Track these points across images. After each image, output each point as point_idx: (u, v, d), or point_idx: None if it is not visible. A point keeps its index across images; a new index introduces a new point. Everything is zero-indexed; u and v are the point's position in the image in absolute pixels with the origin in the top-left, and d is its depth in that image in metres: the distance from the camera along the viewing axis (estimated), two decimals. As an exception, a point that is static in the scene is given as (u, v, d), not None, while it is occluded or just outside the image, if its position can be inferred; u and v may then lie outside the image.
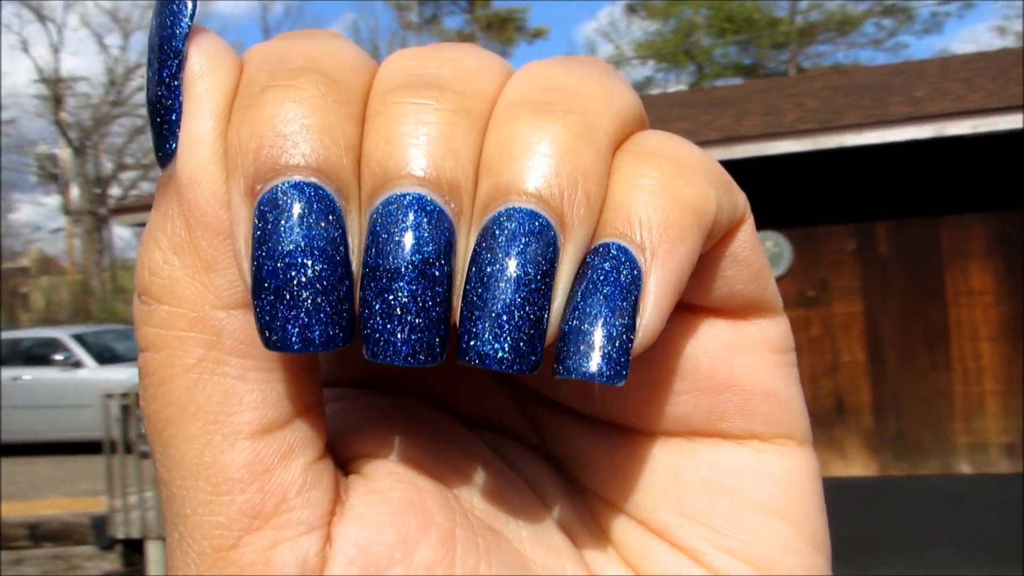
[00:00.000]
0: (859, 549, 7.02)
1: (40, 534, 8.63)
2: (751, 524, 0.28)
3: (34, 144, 33.21)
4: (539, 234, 0.23)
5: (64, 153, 31.36)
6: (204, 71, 0.25)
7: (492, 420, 0.32)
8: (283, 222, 0.23)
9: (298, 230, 0.23)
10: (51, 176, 32.72)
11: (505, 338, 0.23)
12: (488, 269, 0.23)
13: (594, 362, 0.23)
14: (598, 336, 0.23)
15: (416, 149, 0.24)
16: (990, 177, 6.96)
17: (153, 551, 7.75)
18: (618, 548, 0.30)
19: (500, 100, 0.25)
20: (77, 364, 12.54)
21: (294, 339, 0.23)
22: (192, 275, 0.25)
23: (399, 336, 0.23)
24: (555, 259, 0.24)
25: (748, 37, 28.37)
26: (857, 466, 7.18)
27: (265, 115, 0.24)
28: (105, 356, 12.85)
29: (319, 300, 0.23)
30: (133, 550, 8.13)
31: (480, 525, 0.28)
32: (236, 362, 0.25)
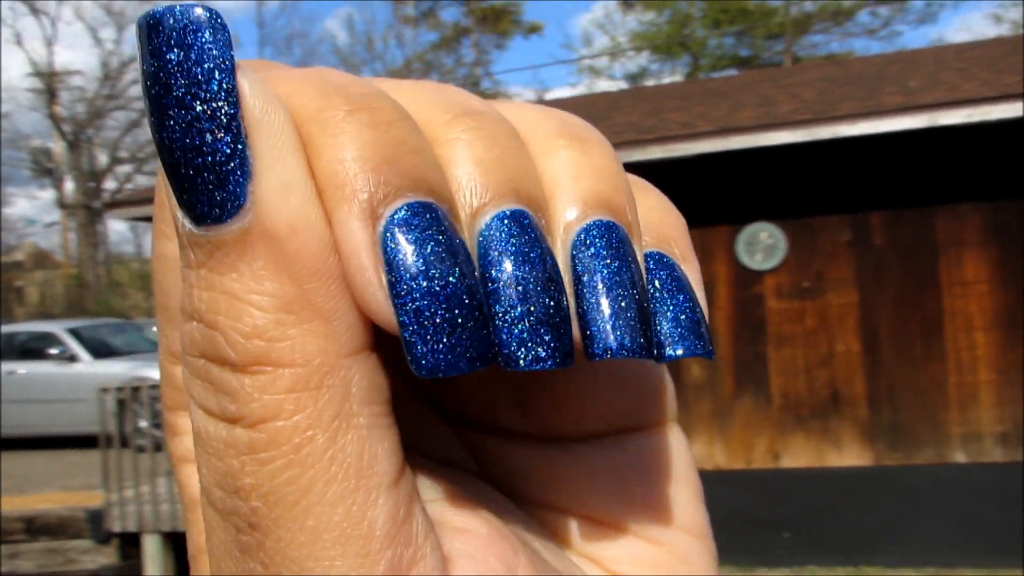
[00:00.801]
0: (854, 539, 7.04)
1: (36, 528, 8.64)
2: (676, 496, 0.32)
3: (28, 138, 33.13)
4: (627, 242, 0.26)
5: (58, 147, 31.30)
6: (268, 106, 0.23)
7: (436, 450, 0.32)
8: (418, 242, 0.23)
9: (434, 248, 0.23)
10: (45, 170, 32.66)
11: (634, 332, 0.25)
12: (603, 273, 0.25)
13: (698, 339, 0.27)
14: (693, 321, 0.27)
15: (506, 170, 0.25)
16: (985, 167, 6.96)
17: (149, 545, 7.75)
18: (574, 548, 0.31)
19: (532, 129, 0.28)
20: (72, 358, 12.54)
21: (452, 361, 0.23)
22: (314, 329, 0.23)
23: (544, 344, 0.24)
24: (639, 263, 0.27)
25: (743, 28, 28.35)
26: (852, 456, 7.20)
27: (365, 138, 0.23)
28: (100, 350, 12.85)
29: (468, 318, 0.24)
30: (129, 544, 8.14)
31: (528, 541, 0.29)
32: (366, 411, 0.24)
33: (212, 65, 0.22)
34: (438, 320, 0.23)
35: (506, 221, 0.25)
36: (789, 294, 7.34)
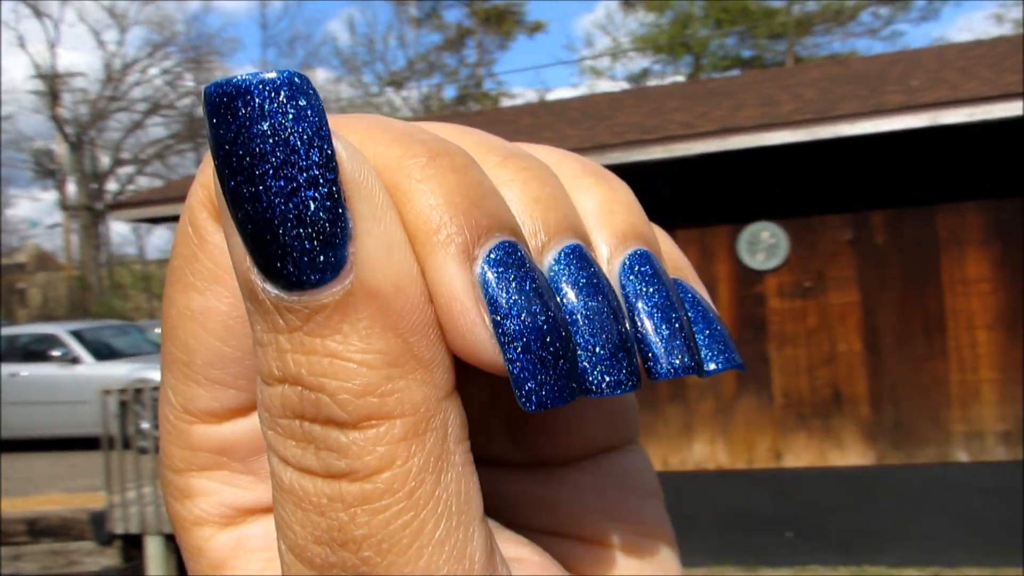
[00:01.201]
0: (857, 538, 7.03)
1: (39, 530, 8.64)
2: (649, 508, 0.33)
3: (31, 140, 33.16)
4: (663, 270, 0.29)
5: (61, 148, 31.32)
6: (363, 167, 0.23)
7: None
8: (516, 280, 0.24)
9: (531, 285, 0.25)
10: (48, 172, 32.70)
11: (687, 352, 0.28)
12: (655, 299, 0.28)
13: (732, 353, 0.29)
14: (725, 338, 0.30)
15: (560, 208, 0.27)
16: (986, 165, 6.96)
17: (152, 546, 7.76)
18: (572, 568, 0.32)
19: (559, 168, 0.30)
20: (75, 360, 12.55)
21: (558, 393, 0.25)
22: (419, 378, 0.23)
23: (623, 369, 0.26)
24: (674, 287, 0.29)
25: (744, 28, 28.33)
26: (854, 455, 7.19)
27: (451, 182, 0.24)
28: (103, 352, 12.86)
29: (566, 350, 0.25)
30: (132, 545, 8.15)
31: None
32: (460, 448, 0.24)
33: (312, 133, 0.22)
34: (543, 355, 0.24)
35: (572, 256, 0.26)
36: (791, 293, 7.33)
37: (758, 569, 7.00)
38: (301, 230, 0.22)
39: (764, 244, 7.34)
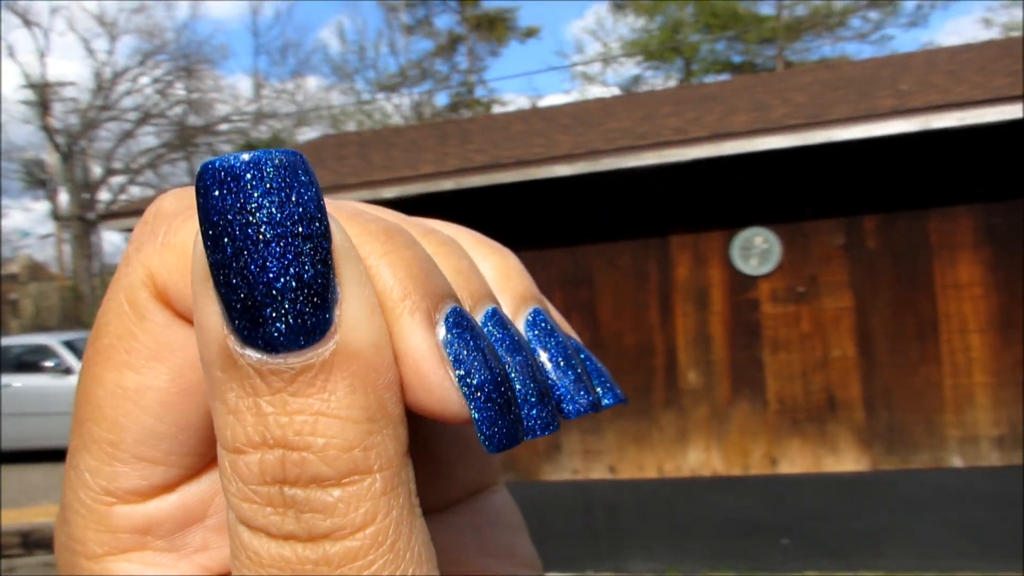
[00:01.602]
0: (852, 544, 7.04)
1: (32, 542, 8.60)
2: (520, 541, 0.36)
3: (21, 150, 33.06)
4: (556, 324, 0.33)
5: (52, 158, 31.24)
6: (347, 239, 0.25)
7: None
8: (472, 340, 0.27)
9: (483, 344, 0.27)
10: (39, 182, 32.60)
11: (590, 392, 0.31)
12: (557, 350, 0.31)
13: (617, 389, 0.33)
14: (608, 375, 0.34)
15: (478, 277, 0.30)
16: (977, 169, 6.98)
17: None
18: None
19: (460, 239, 0.33)
20: (68, 371, 12.52)
21: (513, 435, 0.27)
22: (390, 433, 0.25)
23: (549, 413, 0.29)
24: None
25: (734, 33, 28.41)
26: (849, 461, 7.19)
27: (407, 257, 0.27)
28: (95, 362, 12.80)
29: (513, 397, 0.28)
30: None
31: None
32: (416, 501, 0.26)
33: (314, 207, 0.24)
34: (501, 402, 0.27)
35: (495, 318, 0.30)
36: (784, 298, 7.34)
37: (753, 575, 6.99)
38: (299, 293, 0.24)
39: (757, 249, 7.35)
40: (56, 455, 12.21)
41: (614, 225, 7.59)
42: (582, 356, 0.33)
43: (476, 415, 0.27)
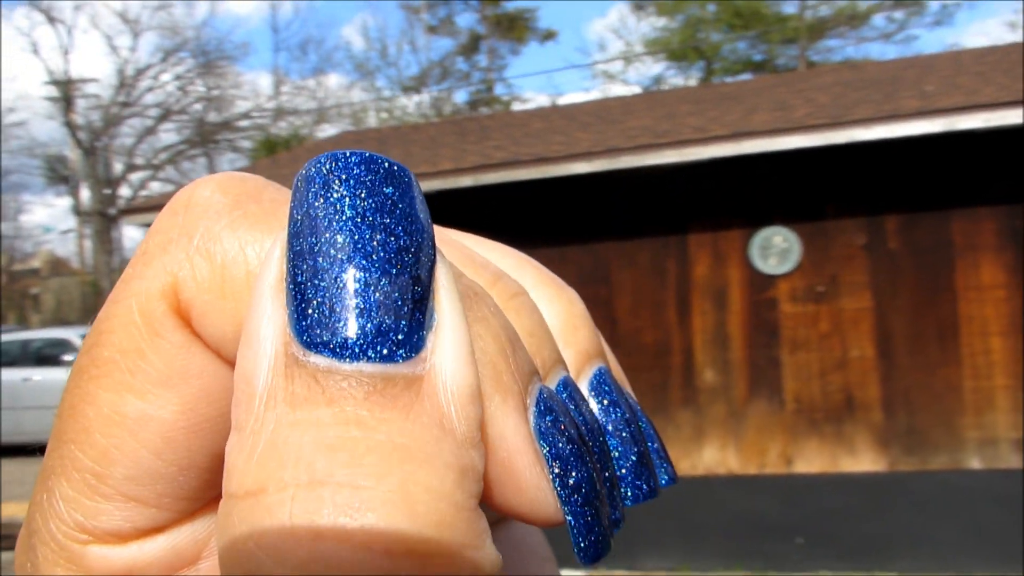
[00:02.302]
0: (868, 544, 6.99)
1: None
2: (548, 569, 0.34)
3: (44, 146, 33.37)
4: (619, 387, 0.30)
5: (74, 154, 31.50)
6: (450, 269, 0.22)
7: None
8: (565, 434, 0.24)
9: (577, 432, 0.24)
10: (61, 177, 32.88)
11: (649, 477, 0.28)
12: (619, 424, 0.28)
13: (672, 469, 0.30)
14: (665, 449, 0.31)
15: (550, 342, 0.27)
16: (1001, 171, 6.92)
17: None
18: None
19: (521, 275, 0.30)
20: (88, 363, 12.60)
21: (607, 542, 0.24)
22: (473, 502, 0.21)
23: (638, 489, 0.28)
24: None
25: (757, 32, 28.28)
26: (866, 461, 7.15)
27: (495, 328, 0.23)
28: (115, 355, 12.91)
29: (604, 498, 0.25)
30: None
31: None
32: None
33: (424, 210, 0.22)
34: (598, 505, 0.24)
35: (568, 389, 0.26)
36: (803, 298, 7.31)
37: (768, 575, 6.96)
38: (392, 300, 0.20)
39: (777, 248, 7.31)
40: (76, 447, 12.31)
41: (633, 223, 7.58)
42: (642, 425, 0.29)
43: (572, 520, 0.23)
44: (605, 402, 0.28)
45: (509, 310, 0.26)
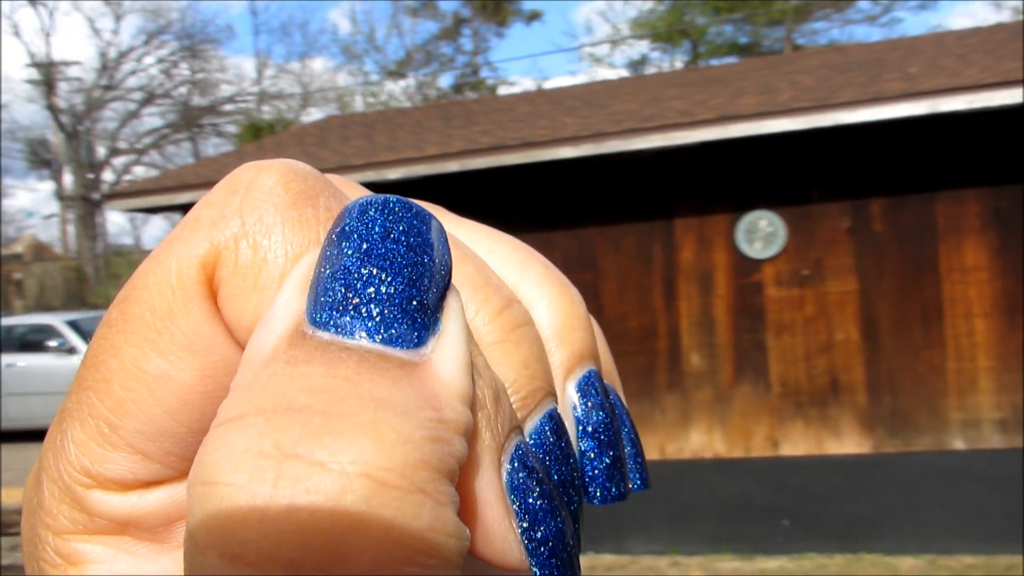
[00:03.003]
0: (854, 526, 7.05)
1: (37, 520, 8.65)
2: None
3: (26, 129, 33.06)
4: (606, 391, 0.31)
5: (56, 138, 31.23)
6: (461, 306, 0.24)
7: None
8: (538, 483, 0.25)
9: (549, 488, 0.25)
10: (44, 161, 32.61)
11: (620, 481, 0.30)
12: (598, 427, 0.30)
13: (646, 474, 0.32)
14: (643, 454, 0.32)
15: (545, 374, 0.28)
16: (985, 153, 6.95)
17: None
18: None
19: (525, 270, 0.31)
20: (71, 350, 12.56)
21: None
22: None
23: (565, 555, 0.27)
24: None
25: (742, 15, 28.25)
26: (851, 444, 7.20)
27: (489, 376, 0.24)
28: (100, 342, 12.84)
29: (576, 546, 0.26)
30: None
31: None
32: None
33: (446, 251, 0.23)
34: (564, 557, 0.25)
35: (552, 423, 0.27)
36: (788, 282, 7.33)
37: (755, 557, 7.01)
38: (402, 300, 0.22)
39: (762, 232, 7.33)
40: (61, 434, 12.27)
41: (619, 207, 7.58)
42: (624, 429, 0.31)
43: (537, 572, 0.24)
44: (588, 404, 0.29)
45: (509, 341, 0.27)
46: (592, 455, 0.29)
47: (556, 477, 0.27)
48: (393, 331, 0.21)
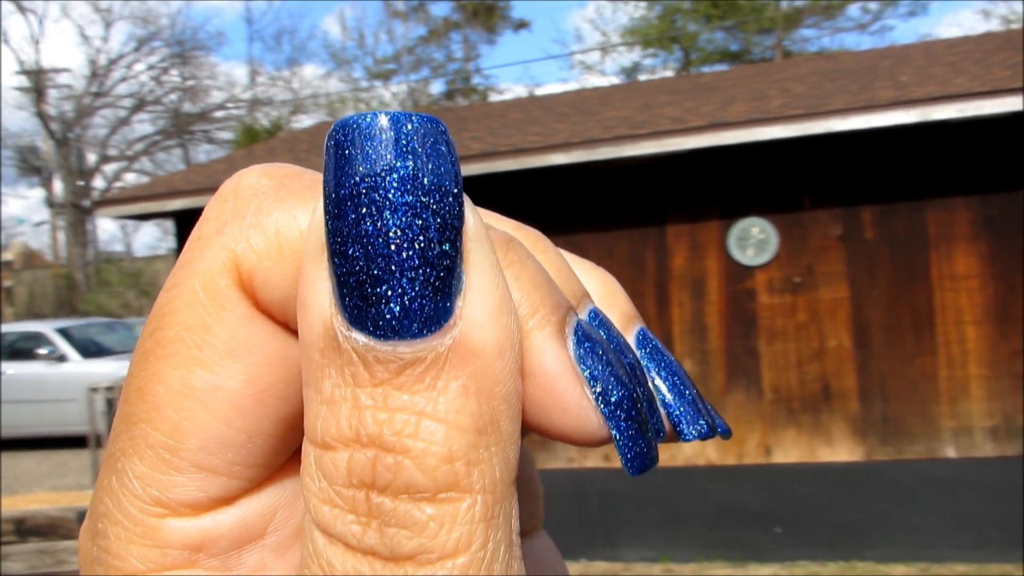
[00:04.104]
0: (846, 533, 7.05)
1: (26, 529, 8.59)
2: None
3: (16, 136, 32.95)
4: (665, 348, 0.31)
5: (47, 145, 31.14)
6: (483, 224, 0.23)
7: None
8: (603, 355, 0.25)
9: (614, 356, 0.25)
10: (34, 169, 32.50)
11: (705, 416, 0.30)
12: (672, 370, 0.30)
13: (723, 420, 0.32)
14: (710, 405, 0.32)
15: (575, 277, 0.29)
16: (975, 161, 6.97)
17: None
18: None
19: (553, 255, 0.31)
20: (62, 358, 12.49)
21: (653, 455, 0.26)
22: (499, 454, 0.22)
23: (704, 418, 0.30)
24: None
25: (734, 23, 28.36)
26: (843, 451, 7.20)
27: (531, 268, 0.25)
28: (90, 350, 12.80)
29: (649, 414, 0.26)
30: (120, 544, 8.09)
31: None
32: (518, 541, 0.23)
33: (450, 180, 0.22)
34: (640, 420, 0.25)
35: (598, 319, 0.28)
36: (780, 289, 7.34)
37: (747, 564, 7.01)
38: (420, 272, 0.21)
39: (754, 239, 7.34)
40: (50, 442, 12.20)
41: (611, 214, 7.58)
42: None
43: (617, 435, 0.25)
44: (652, 353, 0.30)
45: (537, 251, 0.27)
46: (672, 395, 0.29)
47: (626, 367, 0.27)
48: (419, 321, 0.21)
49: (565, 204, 7.68)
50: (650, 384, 0.29)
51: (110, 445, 0.26)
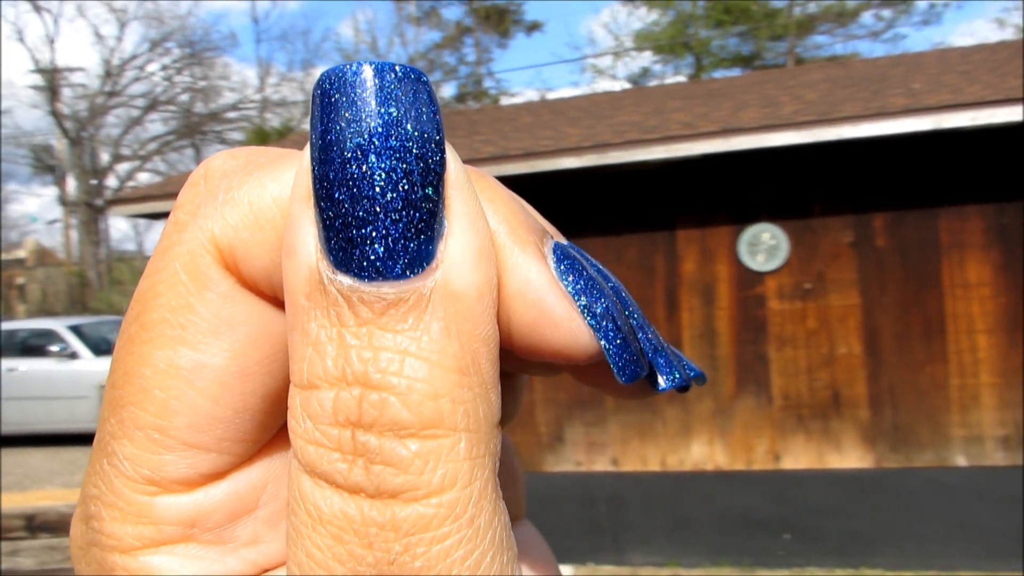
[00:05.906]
0: (855, 541, 7.03)
1: (37, 525, 8.63)
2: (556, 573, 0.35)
3: (30, 135, 33.12)
4: None
5: (60, 144, 31.29)
6: (464, 173, 0.24)
7: None
8: (583, 271, 0.26)
9: (593, 271, 0.26)
10: (47, 167, 32.66)
11: (677, 364, 0.30)
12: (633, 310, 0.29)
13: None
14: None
15: (533, 212, 0.29)
16: (988, 169, 6.95)
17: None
18: None
19: None
20: (73, 355, 12.54)
21: (642, 363, 0.26)
22: (482, 395, 0.23)
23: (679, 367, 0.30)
24: None
25: (746, 29, 28.31)
26: (853, 458, 7.18)
27: (504, 198, 0.26)
28: (101, 347, 12.85)
29: (632, 323, 0.27)
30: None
31: None
32: (497, 483, 0.23)
33: (433, 127, 0.23)
34: (626, 329, 0.26)
35: (570, 245, 0.28)
36: (791, 295, 7.33)
37: (755, 570, 6.99)
38: (403, 214, 0.22)
39: (765, 245, 7.33)
40: (60, 439, 12.25)
41: (621, 219, 7.58)
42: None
43: (606, 345, 0.25)
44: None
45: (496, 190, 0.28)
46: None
47: (619, 296, 0.28)
48: (403, 263, 0.22)
49: (575, 208, 7.68)
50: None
51: (99, 431, 0.27)
